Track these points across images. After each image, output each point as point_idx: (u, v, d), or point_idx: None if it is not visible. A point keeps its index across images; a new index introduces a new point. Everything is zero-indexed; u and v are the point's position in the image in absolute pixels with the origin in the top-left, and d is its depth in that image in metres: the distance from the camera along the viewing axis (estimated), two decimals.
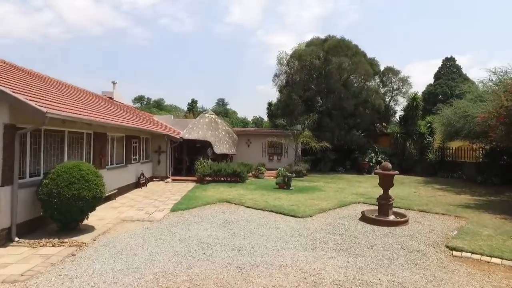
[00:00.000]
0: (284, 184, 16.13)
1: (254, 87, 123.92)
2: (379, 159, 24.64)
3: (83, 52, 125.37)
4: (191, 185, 17.02)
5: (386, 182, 9.86)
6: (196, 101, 61.86)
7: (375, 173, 9.96)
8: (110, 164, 13.18)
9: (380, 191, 10.20)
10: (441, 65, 52.95)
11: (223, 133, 21.68)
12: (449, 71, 51.45)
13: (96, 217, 9.69)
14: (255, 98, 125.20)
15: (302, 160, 23.92)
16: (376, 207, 10.71)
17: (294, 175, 17.18)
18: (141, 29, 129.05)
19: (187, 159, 21.60)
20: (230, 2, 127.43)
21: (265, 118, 52.46)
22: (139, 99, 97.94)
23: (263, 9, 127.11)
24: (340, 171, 25.57)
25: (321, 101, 28.46)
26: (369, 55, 27.46)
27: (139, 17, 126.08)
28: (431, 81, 53.51)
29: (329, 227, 9.14)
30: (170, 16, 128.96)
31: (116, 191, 12.78)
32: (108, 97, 21.08)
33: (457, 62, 52.10)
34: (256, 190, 15.42)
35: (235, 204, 12.32)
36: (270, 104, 38.07)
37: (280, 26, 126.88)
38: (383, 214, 9.73)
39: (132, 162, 15.36)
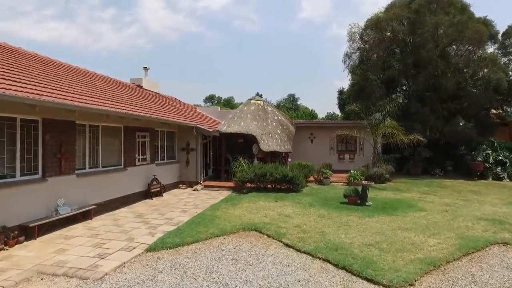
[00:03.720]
0: (356, 197, 10.47)
1: (329, 83, 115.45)
2: (500, 157, 17.16)
3: (163, 58, 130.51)
4: (223, 195, 12.31)
5: None
6: (261, 95, 57.50)
7: None
8: (89, 167, 9.03)
9: None
10: None
11: (274, 124, 16.58)
12: None
13: (8, 263, 5.45)
14: (330, 94, 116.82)
15: (383, 160, 17.66)
16: None
17: (373, 183, 11.28)
18: (215, 32, 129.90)
19: (231, 159, 17.00)
20: None
21: (338, 112, 45.85)
22: (210, 98, 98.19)
23: (335, 1, 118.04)
24: (437, 174, 18.64)
25: (406, 82, 21.68)
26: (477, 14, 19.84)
27: (212, 21, 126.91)
28: None
29: None
30: (242, 17, 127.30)
31: (93, 207, 8.57)
32: (136, 85, 17.52)
33: None
34: (313, 207, 10.04)
35: (268, 236, 7.21)
36: (341, 91, 31.91)
37: (355, 18, 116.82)
38: None
39: (137, 163, 11.16)
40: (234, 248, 6.42)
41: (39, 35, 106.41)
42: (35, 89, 6.88)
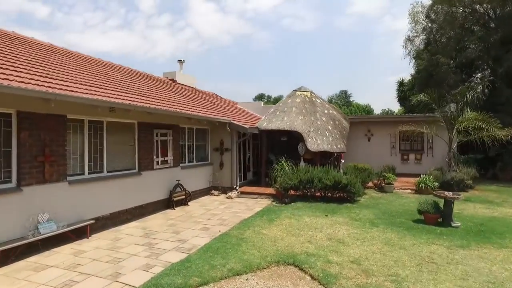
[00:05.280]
0: (436, 215, 7.63)
1: (383, 79, 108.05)
2: None
3: (216, 61, 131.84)
4: (260, 206, 10.10)
5: None
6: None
7: None
8: (89, 173, 7.30)
9: None
10: None
11: (324, 119, 13.99)
12: None
13: None
14: (384, 91, 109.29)
15: (461, 161, 14.28)
16: None
17: (461, 195, 8.11)
18: (265, 32, 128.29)
19: (274, 160, 14.74)
20: None
21: (395, 109, 41.36)
22: (259, 97, 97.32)
23: None
24: None
25: (488, 66, 17.75)
26: None
27: (262, 22, 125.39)
28: None
29: None
30: (292, 16, 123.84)
31: (90, 222, 6.81)
32: (170, 79, 15.98)
33: None
34: (375, 227, 7.44)
35: (312, 278, 4.89)
36: (401, 83, 28.20)
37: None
38: None
39: (156, 167, 9.33)
40: None
41: (104, 45, 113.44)
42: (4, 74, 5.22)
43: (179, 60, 17.21)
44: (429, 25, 19.54)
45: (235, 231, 7.22)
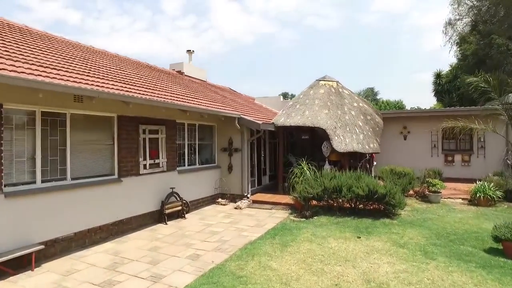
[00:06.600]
0: None
1: (409, 77, 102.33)
2: None
3: (239, 60, 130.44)
4: (274, 221, 8.08)
5: None
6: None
7: None
8: (43, 181, 5.51)
9: None
10: None
11: (353, 113, 11.74)
12: None
13: None
14: (411, 89, 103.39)
15: None
16: None
17: None
18: (288, 31, 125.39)
19: (294, 162, 12.66)
20: None
21: (427, 106, 37.87)
22: (284, 95, 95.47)
23: None
24: None
25: None
26: None
27: (285, 21, 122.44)
28: None
29: None
30: (314, 14, 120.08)
31: (37, 249, 5.04)
32: (176, 71, 14.22)
33: None
34: (432, 260, 5.24)
35: None
36: (438, 75, 25.23)
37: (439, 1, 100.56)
38: None
39: (143, 171, 7.49)
40: None
41: (132, 47, 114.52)
42: None
43: (188, 51, 15.45)
44: (476, 3, 16.79)
45: (234, 263, 5.24)
